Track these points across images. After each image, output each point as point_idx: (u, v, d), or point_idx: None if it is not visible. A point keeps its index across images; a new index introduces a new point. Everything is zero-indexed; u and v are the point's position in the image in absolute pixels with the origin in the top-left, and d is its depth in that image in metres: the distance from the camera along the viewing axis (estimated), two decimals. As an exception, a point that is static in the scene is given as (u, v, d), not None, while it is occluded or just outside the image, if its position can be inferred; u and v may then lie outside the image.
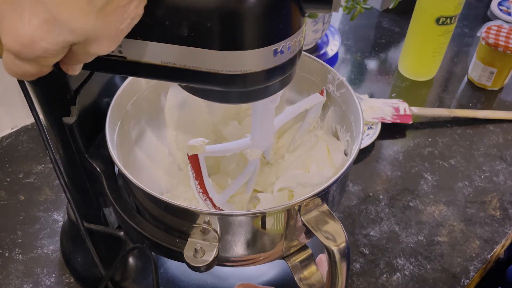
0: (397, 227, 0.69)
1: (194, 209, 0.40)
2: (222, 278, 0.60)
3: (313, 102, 0.52)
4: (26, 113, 0.79)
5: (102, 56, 0.34)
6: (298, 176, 0.51)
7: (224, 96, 0.37)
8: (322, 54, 0.93)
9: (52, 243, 0.65)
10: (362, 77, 0.95)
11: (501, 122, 0.85)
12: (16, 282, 0.61)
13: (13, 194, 0.71)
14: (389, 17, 1.09)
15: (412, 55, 0.92)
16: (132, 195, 0.46)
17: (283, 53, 0.33)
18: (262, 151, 0.48)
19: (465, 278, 0.63)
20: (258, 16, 0.30)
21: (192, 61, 0.32)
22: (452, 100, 0.90)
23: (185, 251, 0.41)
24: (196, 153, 0.45)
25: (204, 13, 0.30)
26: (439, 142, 0.82)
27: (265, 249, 0.46)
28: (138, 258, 0.58)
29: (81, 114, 0.43)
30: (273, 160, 0.55)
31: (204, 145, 0.45)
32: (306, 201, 0.41)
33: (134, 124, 0.52)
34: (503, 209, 0.72)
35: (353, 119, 0.49)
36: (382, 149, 0.80)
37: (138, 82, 0.51)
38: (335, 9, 0.31)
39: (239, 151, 0.48)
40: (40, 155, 0.76)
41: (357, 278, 0.63)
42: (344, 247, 0.39)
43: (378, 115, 0.81)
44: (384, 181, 0.75)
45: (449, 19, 0.82)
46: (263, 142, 0.47)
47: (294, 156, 0.54)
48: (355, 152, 0.44)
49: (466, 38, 1.05)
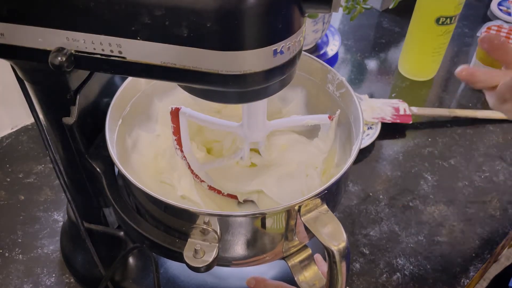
0: (397, 227, 0.69)
1: (194, 210, 0.40)
2: (222, 278, 0.60)
3: (318, 121, 0.52)
4: (26, 113, 0.79)
5: (102, 56, 0.35)
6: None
7: (224, 96, 0.37)
8: (322, 54, 0.93)
9: (52, 243, 0.65)
10: (362, 77, 0.95)
11: (501, 122, 0.85)
12: (16, 282, 0.61)
13: (13, 194, 0.71)
14: (389, 17, 1.09)
15: (412, 55, 0.92)
16: (132, 196, 0.46)
17: (283, 53, 0.33)
18: (250, 141, 0.50)
19: (465, 278, 0.63)
20: (258, 16, 0.30)
21: (192, 61, 0.32)
22: (452, 100, 0.90)
23: (185, 251, 0.41)
24: (178, 107, 0.48)
25: (203, 13, 0.30)
26: (439, 142, 0.82)
27: (265, 250, 0.46)
28: (138, 258, 0.58)
29: (81, 114, 0.43)
30: (266, 154, 0.55)
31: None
32: (306, 202, 0.41)
33: (134, 126, 0.52)
34: (503, 209, 0.72)
35: (353, 119, 0.49)
36: (382, 149, 0.80)
37: (138, 82, 0.51)
38: (335, 9, 0.31)
39: (223, 129, 0.50)
40: (40, 155, 0.76)
41: (357, 278, 0.63)
42: (344, 247, 0.39)
43: (378, 115, 0.81)
44: (384, 181, 0.75)
45: (449, 19, 0.82)
46: (251, 133, 0.48)
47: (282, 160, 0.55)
48: (355, 152, 0.44)
49: (466, 38, 1.05)
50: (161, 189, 0.52)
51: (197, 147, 0.56)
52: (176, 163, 0.52)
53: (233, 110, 0.57)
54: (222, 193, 0.55)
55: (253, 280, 0.55)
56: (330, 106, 0.53)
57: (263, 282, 0.55)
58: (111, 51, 0.34)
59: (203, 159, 0.55)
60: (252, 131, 0.49)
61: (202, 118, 0.49)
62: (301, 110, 0.57)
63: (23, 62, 0.40)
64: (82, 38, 0.34)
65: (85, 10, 0.32)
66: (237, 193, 0.54)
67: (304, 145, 0.55)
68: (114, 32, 0.33)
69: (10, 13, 0.34)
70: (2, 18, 0.35)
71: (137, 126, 0.53)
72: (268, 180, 0.53)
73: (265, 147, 0.53)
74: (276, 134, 0.55)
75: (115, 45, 0.33)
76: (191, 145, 0.52)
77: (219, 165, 0.54)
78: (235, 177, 0.55)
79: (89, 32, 0.34)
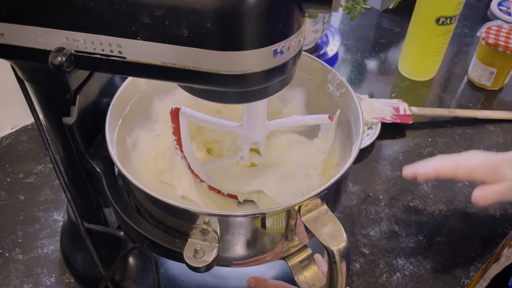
0: (397, 227, 0.69)
1: (194, 210, 0.40)
2: (222, 278, 0.60)
3: (318, 121, 0.52)
4: (26, 113, 0.79)
5: (102, 56, 0.35)
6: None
7: (224, 96, 0.37)
8: (322, 54, 0.93)
9: (52, 243, 0.65)
10: (362, 77, 0.95)
11: (501, 122, 0.85)
12: (16, 282, 0.61)
13: (13, 194, 0.71)
14: (389, 17, 1.09)
15: (412, 55, 0.92)
16: (132, 196, 0.46)
17: (283, 53, 0.33)
18: (250, 141, 0.50)
19: (465, 278, 0.63)
20: (258, 16, 0.30)
21: (192, 61, 0.32)
22: (452, 100, 0.90)
23: (185, 251, 0.41)
24: (178, 107, 0.48)
25: (203, 13, 0.30)
26: (439, 142, 0.82)
27: (265, 250, 0.46)
28: (138, 258, 0.58)
29: (81, 114, 0.43)
30: (266, 154, 0.55)
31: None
32: (306, 202, 0.41)
33: (134, 126, 0.52)
34: (503, 209, 0.72)
35: (353, 119, 0.49)
36: (382, 149, 0.80)
37: (138, 82, 0.51)
38: (334, 9, 0.31)
39: (223, 129, 0.50)
40: (40, 155, 0.76)
41: (357, 278, 0.63)
42: (344, 247, 0.39)
43: (378, 115, 0.81)
44: (384, 181, 0.75)
45: (449, 19, 0.82)
46: (251, 133, 0.49)
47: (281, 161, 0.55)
48: (355, 152, 0.44)
49: (466, 38, 1.05)
50: (161, 189, 0.52)
51: (197, 147, 0.56)
52: (176, 163, 0.52)
53: (233, 110, 0.57)
54: (222, 193, 0.55)
55: (253, 280, 0.55)
56: (330, 106, 0.53)
57: (263, 282, 0.55)
58: (111, 51, 0.34)
59: (203, 159, 0.55)
60: (252, 131, 0.49)
61: (202, 118, 0.49)
62: (301, 110, 0.57)
63: (23, 62, 0.40)
64: (82, 38, 0.34)
65: (85, 10, 0.32)
66: (237, 193, 0.54)
67: (304, 145, 0.55)
68: (114, 32, 0.33)
69: (10, 13, 0.34)
70: (2, 18, 0.35)
71: (137, 126, 0.53)
72: (268, 180, 0.53)
73: (265, 147, 0.53)
74: (276, 134, 0.55)
75: (115, 45, 0.33)
76: (191, 145, 0.52)
77: (219, 165, 0.54)
78: (235, 177, 0.55)
79: (89, 32, 0.34)
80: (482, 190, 0.61)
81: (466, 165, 0.62)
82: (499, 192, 0.60)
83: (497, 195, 0.60)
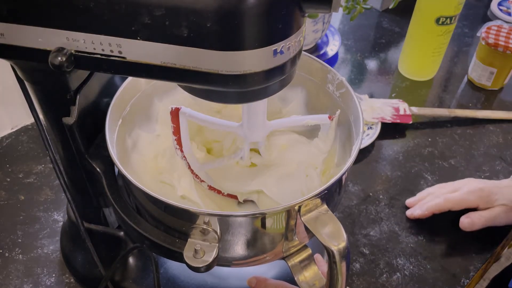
0: (397, 227, 0.69)
1: (194, 210, 0.40)
2: (222, 278, 0.60)
3: (318, 121, 0.52)
4: (26, 113, 0.79)
5: (102, 56, 0.35)
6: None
7: (224, 96, 0.37)
8: (322, 54, 0.93)
9: (52, 243, 0.65)
10: (362, 77, 0.95)
11: (501, 122, 0.85)
12: (16, 282, 0.61)
13: (13, 194, 0.71)
14: (389, 17, 1.09)
15: (412, 55, 0.92)
16: (132, 196, 0.46)
17: (283, 53, 0.33)
18: (250, 141, 0.50)
19: (465, 278, 0.63)
20: (258, 16, 0.30)
21: (192, 61, 0.32)
22: (452, 100, 0.90)
23: (185, 251, 0.41)
24: (178, 107, 0.48)
25: (203, 13, 0.30)
26: (439, 142, 0.82)
27: (265, 250, 0.46)
28: (138, 258, 0.58)
29: (81, 114, 0.43)
30: (266, 154, 0.55)
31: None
32: (306, 202, 0.41)
33: (134, 126, 0.52)
34: (503, 209, 0.72)
35: (353, 119, 0.49)
36: (382, 149, 0.80)
37: (138, 82, 0.51)
38: (334, 9, 0.31)
39: (223, 129, 0.50)
40: (40, 155, 0.76)
41: (357, 278, 0.63)
42: (344, 247, 0.39)
43: (378, 115, 0.81)
44: (384, 181, 0.75)
45: (449, 19, 0.82)
46: (251, 133, 0.49)
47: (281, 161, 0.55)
48: (355, 152, 0.44)
49: (466, 38, 1.05)
50: (161, 189, 0.52)
51: (197, 147, 0.56)
52: (176, 163, 0.52)
53: (233, 110, 0.57)
54: (222, 193, 0.55)
55: (254, 280, 0.55)
56: (330, 106, 0.53)
57: (264, 281, 0.55)
58: (111, 51, 0.34)
59: (203, 159, 0.55)
60: (252, 131, 0.49)
61: (202, 118, 0.49)
62: (301, 110, 0.57)
63: (23, 62, 0.40)
64: (82, 38, 0.34)
65: (85, 10, 0.32)
66: (237, 193, 0.54)
67: (304, 145, 0.55)
68: (114, 32, 0.33)
69: (10, 13, 0.34)
70: (2, 18, 0.35)
71: (137, 126, 0.53)
72: (268, 180, 0.53)
73: (265, 147, 0.53)
74: (276, 134, 0.55)
75: (115, 45, 0.33)
76: (191, 145, 0.52)
77: (219, 165, 0.54)
78: (235, 177, 0.55)
79: (89, 32, 0.34)
80: (469, 217, 0.66)
81: (455, 198, 0.67)
82: (487, 218, 0.65)
83: (484, 221, 0.65)
